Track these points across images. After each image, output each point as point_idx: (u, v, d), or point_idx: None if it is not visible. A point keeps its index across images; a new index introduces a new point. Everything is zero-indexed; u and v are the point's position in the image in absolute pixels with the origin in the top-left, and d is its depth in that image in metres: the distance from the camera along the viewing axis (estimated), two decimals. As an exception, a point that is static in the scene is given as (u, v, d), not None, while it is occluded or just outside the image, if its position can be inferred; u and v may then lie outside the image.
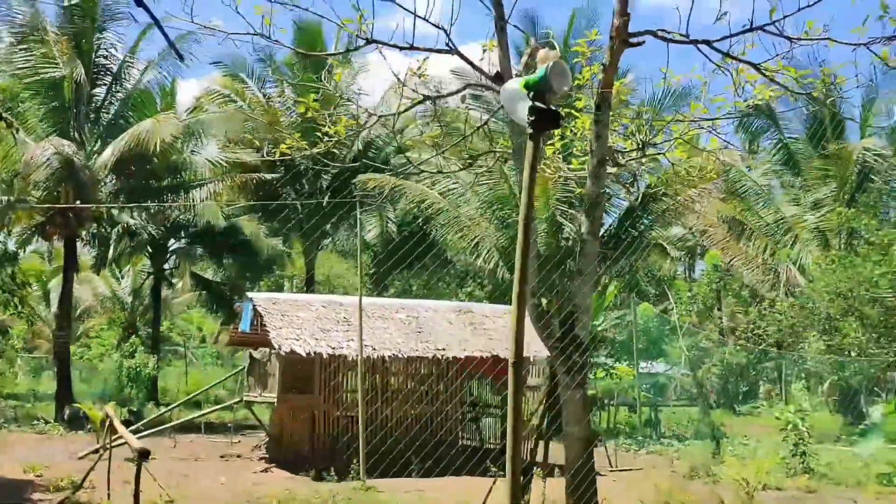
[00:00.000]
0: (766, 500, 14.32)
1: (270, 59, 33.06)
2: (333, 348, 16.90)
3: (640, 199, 24.71)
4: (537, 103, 4.66)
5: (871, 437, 18.30)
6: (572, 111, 11.42)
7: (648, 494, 13.15)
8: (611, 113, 10.24)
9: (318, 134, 11.06)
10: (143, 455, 8.49)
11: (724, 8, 9.24)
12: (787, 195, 31.69)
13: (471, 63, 10.47)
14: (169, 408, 24.49)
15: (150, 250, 34.95)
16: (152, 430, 20.00)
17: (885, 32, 8.95)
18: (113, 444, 13.01)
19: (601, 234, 26.77)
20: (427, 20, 9.47)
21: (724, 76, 10.61)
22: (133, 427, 17.98)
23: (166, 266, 36.45)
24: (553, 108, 4.72)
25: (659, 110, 16.59)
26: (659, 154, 11.65)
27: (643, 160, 11.17)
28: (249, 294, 19.37)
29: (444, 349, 17.85)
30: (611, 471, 17.94)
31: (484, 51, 11.65)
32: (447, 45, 9.75)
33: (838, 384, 27.00)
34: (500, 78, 10.15)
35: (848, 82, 11.89)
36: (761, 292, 30.05)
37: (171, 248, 35.71)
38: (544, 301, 27.24)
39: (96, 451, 18.32)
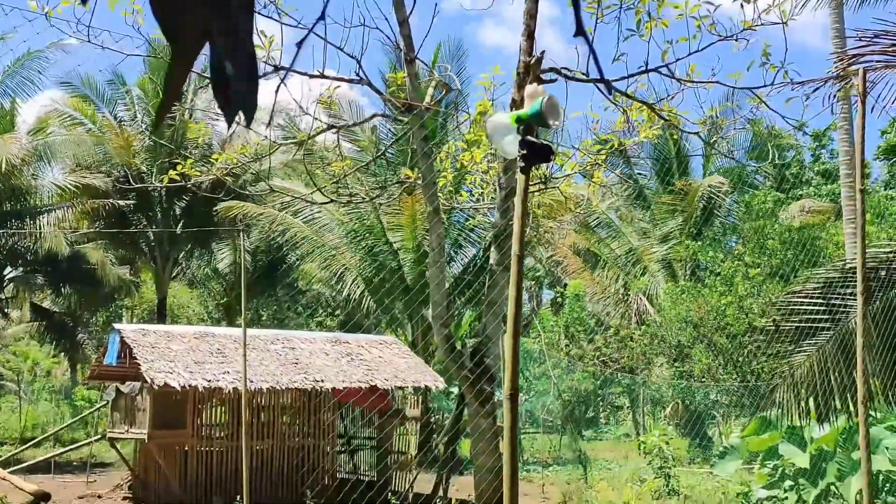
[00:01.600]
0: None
1: (122, 81, 31.87)
2: (209, 381, 16.32)
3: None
4: (529, 137, 4.74)
5: (728, 459, 19.27)
6: (465, 145, 11.66)
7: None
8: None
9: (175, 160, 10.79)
10: (44, 498, 7.93)
11: (618, 50, 9.84)
12: (635, 227, 33.18)
13: (380, 93, 10.50)
14: (25, 446, 22.94)
15: (-17, 279, 32.75)
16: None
17: (766, 77, 9.75)
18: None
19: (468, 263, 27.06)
20: (341, 49, 9.47)
21: (607, 113, 11.21)
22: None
23: (1, 295, 34.18)
24: (545, 142, 4.82)
25: (557, 144, 17.07)
26: (555, 188, 12.01)
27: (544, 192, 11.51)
28: (116, 325, 18.46)
29: (321, 380, 17.58)
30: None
31: (387, 84, 11.73)
32: (357, 74, 9.76)
33: (686, 408, 28.29)
34: (409, 109, 10.23)
35: (728, 122, 12.74)
36: (613, 321, 31.24)
37: (7, 277, 33.53)
38: (411, 331, 27.35)
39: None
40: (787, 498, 16.95)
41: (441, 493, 10.95)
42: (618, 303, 31.69)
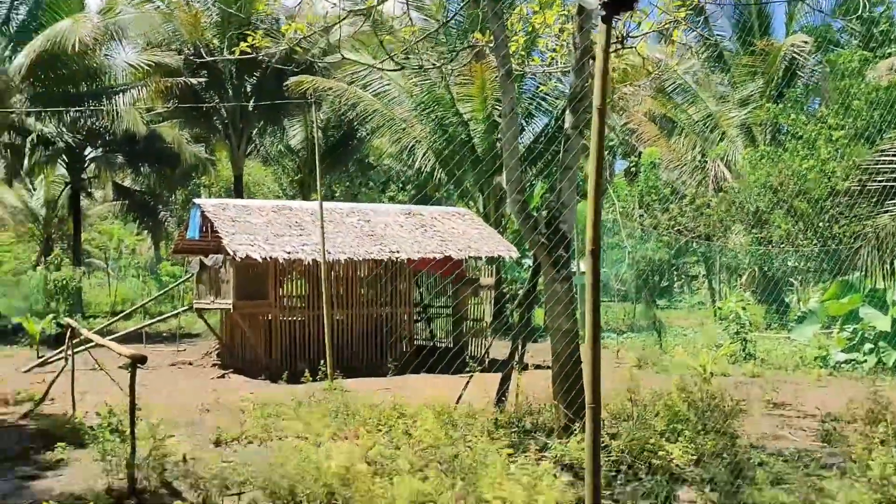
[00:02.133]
0: (721, 384, 14.86)
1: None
2: (289, 253, 16.69)
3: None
4: (610, -16, 4.55)
5: (807, 324, 19.15)
6: (536, 7, 11.28)
7: (613, 383, 13.49)
8: (591, 5, 10.13)
9: (245, 33, 10.67)
10: (141, 361, 8.31)
11: None
12: (713, 92, 32.16)
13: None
14: (116, 318, 23.99)
15: (66, 159, 33.60)
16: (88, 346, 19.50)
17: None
18: (69, 354, 12.79)
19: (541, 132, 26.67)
20: None
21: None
22: (77, 340, 17.51)
23: (84, 175, 35.10)
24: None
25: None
26: (632, 47, 11.61)
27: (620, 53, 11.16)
28: (196, 200, 18.87)
29: (397, 251, 17.83)
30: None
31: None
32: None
33: (763, 275, 27.96)
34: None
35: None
36: (689, 189, 30.71)
37: (88, 157, 34.34)
38: (482, 203, 27.36)
39: (42, 363, 17.92)
40: (866, 361, 16.86)
41: (517, 358, 11.10)
42: (694, 170, 31.07)
